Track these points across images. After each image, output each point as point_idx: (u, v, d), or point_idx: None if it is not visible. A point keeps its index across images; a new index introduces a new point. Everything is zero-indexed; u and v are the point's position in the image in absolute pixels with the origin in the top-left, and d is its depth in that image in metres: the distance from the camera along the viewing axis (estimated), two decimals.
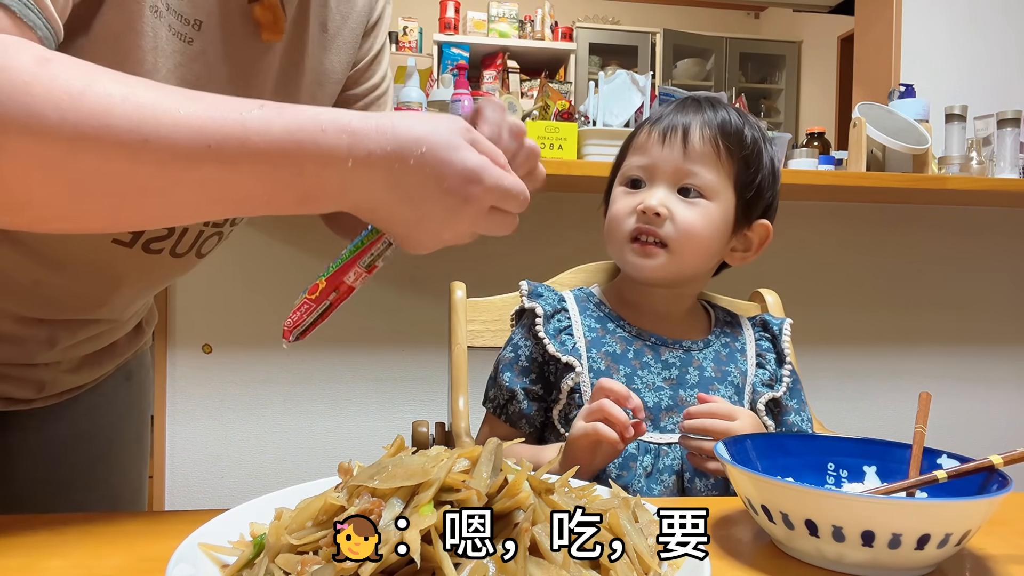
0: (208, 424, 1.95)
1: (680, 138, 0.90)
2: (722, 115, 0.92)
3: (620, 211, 0.93)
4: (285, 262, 1.92)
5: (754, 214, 0.94)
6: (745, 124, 0.93)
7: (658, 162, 0.91)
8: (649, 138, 0.93)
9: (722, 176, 0.91)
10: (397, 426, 1.98)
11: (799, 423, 0.93)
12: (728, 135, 0.91)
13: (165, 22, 0.62)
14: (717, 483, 0.85)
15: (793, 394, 0.95)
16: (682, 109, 0.93)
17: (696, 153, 0.90)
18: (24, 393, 0.79)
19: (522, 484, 0.45)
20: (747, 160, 0.91)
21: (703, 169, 0.90)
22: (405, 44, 4.56)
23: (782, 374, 0.94)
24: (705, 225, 0.90)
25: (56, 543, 0.56)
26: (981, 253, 2.28)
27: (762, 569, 0.55)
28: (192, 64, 0.65)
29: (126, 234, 0.71)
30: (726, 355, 0.95)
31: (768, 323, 0.99)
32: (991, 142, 2.14)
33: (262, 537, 0.47)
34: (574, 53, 4.86)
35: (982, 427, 2.27)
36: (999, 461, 0.59)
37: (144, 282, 0.82)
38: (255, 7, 0.68)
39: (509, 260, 1.89)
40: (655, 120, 0.94)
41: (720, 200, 0.91)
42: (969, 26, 2.69)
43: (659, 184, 0.91)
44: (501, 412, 0.93)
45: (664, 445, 0.87)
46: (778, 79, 5.64)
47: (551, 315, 0.93)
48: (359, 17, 0.83)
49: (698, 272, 0.95)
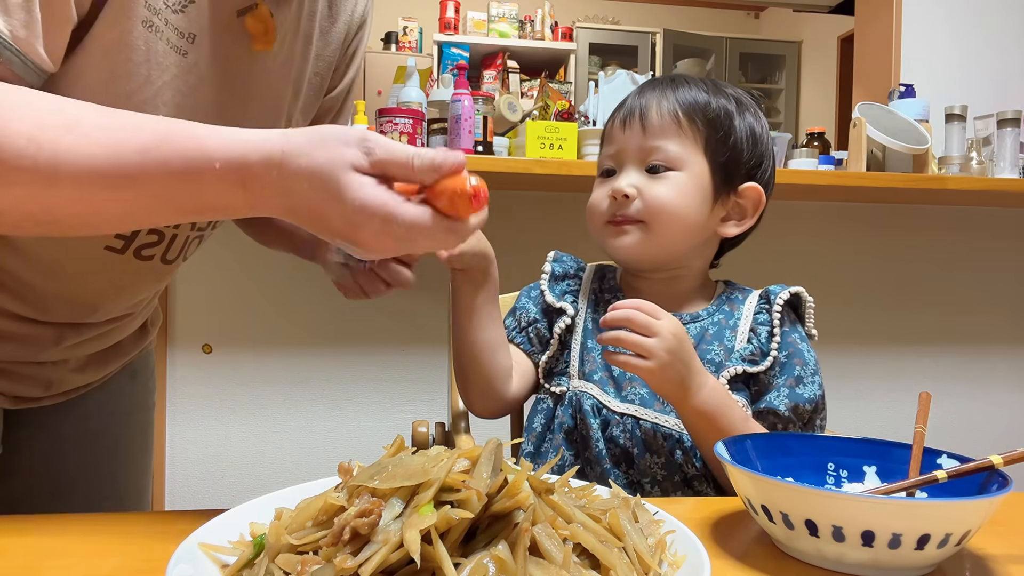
0: (208, 424, 1.95)
1: (638, 119, 0.91)
2: (682, 89, 0.91)
3: (594, 200, 0.93)
4: (285, 262, 1.92)
5: (737, 178, 0.91)
6: (710, 92, 0.91)
7: (623, 147, 0.92)
8: (613, 127, 0.94)
9: (687, 144, 0.89)
10: (397, 426, 1.98)
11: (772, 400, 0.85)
12: (686, 104, 0.90)
13: (163, 37, 0.63)
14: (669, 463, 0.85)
15: (784, 369, 0.87)
16: (641, 92, 0.94)
17: (655, 128, 0.90)
18: (32, 391, 0.80)
19: (522, 484, 0.45)
20: (714, 124, 0.90)
21: (665, 142, 0.89)
22: (405, 44, 4.56)
23: (770, 347, 0.88)
24: (676, 195, 0.88)
25: (57, 543, 0.56)
26: (981, 253, 2.28)
27: (762, 569, 0.55)
28: (187, 76, 0.67)
29: (117, 241, 0.73)
30: (713, 333, 0.91)
31: (769, 293, 0.93)
32: (991, 142, 2.14)
33: (262, 537, 0.47)
34: (574, 53, 4.86)
35: (982, 427, 2.27)
36: (999, 461, 0.59)
37: (137, 286, 0.83)
38: (246, 18, 0.69)
39: (509, 260, 1.89)
40: (618, 108, 0.95)
41: (690, 169, 0.89)
42: (969, 26, 2.70)
43: (628, 168, 0.91)
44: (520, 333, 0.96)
45: (617, 415, 0.87)
46: (778, 79, 5.64)
47: (561, 277, 0.98)
48: (342, 27, 0.85)
49: (684, 247, 0.91)
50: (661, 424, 0.86)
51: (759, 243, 1.01)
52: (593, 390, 0.89)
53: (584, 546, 0.45)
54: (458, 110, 1.82)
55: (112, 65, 0.62)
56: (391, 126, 1.80)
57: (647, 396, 0.88)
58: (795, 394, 0.85)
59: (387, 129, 1.79)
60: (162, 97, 0.65)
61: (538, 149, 1.83)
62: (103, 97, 0.58)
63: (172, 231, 0.75)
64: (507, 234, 2.06)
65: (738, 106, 0.92)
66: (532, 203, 2.02)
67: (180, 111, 0.67)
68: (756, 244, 1.02)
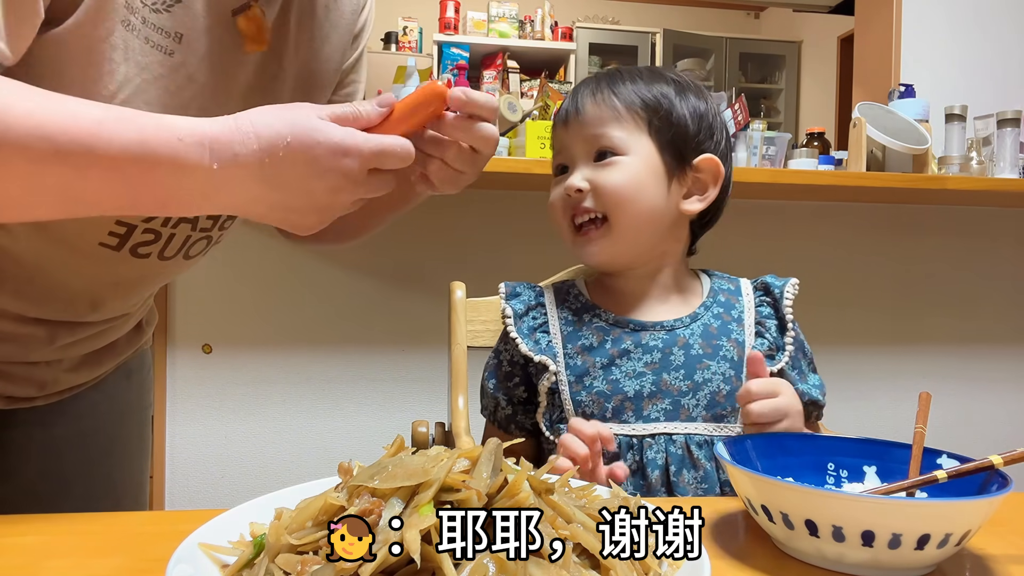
0: (208, 424, 1.95)
1: (575, 113, 0.91)
2: (616, 81, 0.91)
3: (552, 201, 0.93)
4: (285, 262, 1.92)
5: (689, 153, 0.90)
6: (645, 80, 0.91)
7: (567, 143, 0.91)
8: (557, 128, 0.95)
9: (629, 128, 0.89)
10: (397, 426, 1.98)
11: (810, 391, 0.89)
12: (619, 90, 0.90)
13: (141, 35, 0.64)
14: (707, 475, 0.84)
15: (794, 363, 0.90)
16: (576, 91, 0.94)
17: (594, 119, 0.89)
18: (25, 391, 0.80)
19: (522, 484, 0.45)
20: (653, 107, 0.89)
21: (605, 129, 0.89)
22: (405, 44, 4.56)
23: (784, 342, 0.89)
24: (628, 179, 0.87)
25: (56, 543, 0.56)
26: (981, 253, 2.28)
27: (762, 569, 0.55)
28: (174, 75, 0.67)
29: (112, 238, 0.72)
30: (718, 327, 0.90)
31: (769, 286, 0.93)
32: (991, 142, 2.14)
33: (262, 537, 0.47)
34: (574, 53, 4.87)
35: (982, 427, 2.27)
36: (999, 461, 0.59)
37: (136, 284, 0.82)
38: (239, 19, 0.69)
39: (509, 260, 1.89)
40: (558, 112, 0.95)
41: (636, 152, 0.88)
42: (969, 26, 2.70)
43: (578, 164, 0.90)
44: (492, 419, 0.94)
45: (648, 437, 0.84)
46: (778, 79, 5.64)
47: (524, 312, 0.92)
48: (347, 25, 0.84)
49: (651, 235, 0.90)
50: (693, 433, 0.85)
51: (759, 243, 1.01)
52: (612, 427, 0.84)
53: (584, 546, 0.45)
54: None
55: (90, 62, 0.62)
56: None
57: (671, 409, 0.86)
58: (814, 384, 0.91)
59: None
60: (144, 96, 0.65)
61: (538, 149, 1.83)
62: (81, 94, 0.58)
63: (170, 231, 0.75)
64: (507, 234, 2.06)
65: (678, 87, 0.91)
66: (532, 203, 2.02)
67: (167, 110, 0.66)
68: (756, 244, 1.02)
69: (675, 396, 0.85)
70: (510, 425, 0.92)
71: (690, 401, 0.85)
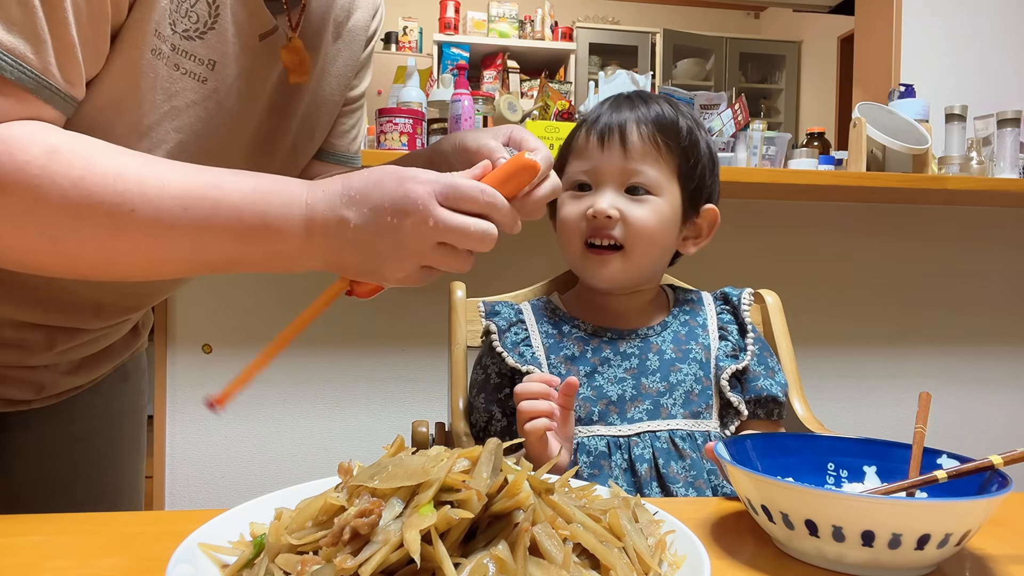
0: (208, 424, 1.95)
1: (618, 139, 0.91)
2: (655, 109, 0.93)
3: (570, 216, 0.92)
4: None
5: (700, 202, 0.96)
6: (679, 115, 0.94)
7: (601, 165, 0.91)
8: (588, 142, 0.93)
9: (664, 171, 0.92)
10: (397, 426, 1.98)
11: (769, 387, 0.93)
12: (665, 129, 0.91)
13: (171, 63, 0.64)
14: (694, 463, 0.87)
15: (760, 360, 0.95)
16: (616, 108, 0.94)
17: (637, 152, 0.90)
18: (23, 394, 0.80)
19: (522, 484, 0.45)
20: (686, 152, 0.93)
21: (646, 167, 0.91)
22: (405, 44, 4.56)
23: (745, 343, 0.95)
24: (657, 222, 0.91)
25: (56, 543, 0.56)
26: (981, 253, 2.28)
27: (762, 569, 0.55)
28: (206, 102, 0.67)
29: None
30: (686, 333, 0.96)
31: (728, 295, 1.00)
32: (991, 142, 2.14)
33: (262, 537, 0.47)
34: (574, 53, 4.86)
35: (982, 427, 2.27)
36: (999, 461, 0.59)
37: (144, 292, 0.83)
38: (282, 51, 0.71)
39: (510, 260, 1.89)
40: (592, 122, 0.94)
41: (667, 195, 0.92)
42: (969, 26, 2.69)
43: (606, 186, 0.91)
44: (484, 435, 0.94)
45: (634, 436, 0.88)
46: (778, 79, 5.63)
47: (507, 328, 0.94)
48: (356, 47, 0.85)
49: (654, 269, 0.97)
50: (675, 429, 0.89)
51: (759, 243, 1.01)
52: (599, 430, 0.89)
53: (584, 546, 0.45)
54: (458, 110, 1.82)
55: (121, 91, 0.62)
56: (391, 126, 1.80)
57: (651, 409, 0.90)
58: (779, 382, 0.95)
59: (387, 129, 1.79)
60: (175, 123, 0.65)
61: None
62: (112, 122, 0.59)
63: None
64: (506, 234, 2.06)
65: (696, 126, 0.95)
66: None
67: (198, 137, 0.67)
68: (756, 244, 1.03)
69: (654, 397, 0.90)
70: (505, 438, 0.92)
71: (668, 400, 0.90)
